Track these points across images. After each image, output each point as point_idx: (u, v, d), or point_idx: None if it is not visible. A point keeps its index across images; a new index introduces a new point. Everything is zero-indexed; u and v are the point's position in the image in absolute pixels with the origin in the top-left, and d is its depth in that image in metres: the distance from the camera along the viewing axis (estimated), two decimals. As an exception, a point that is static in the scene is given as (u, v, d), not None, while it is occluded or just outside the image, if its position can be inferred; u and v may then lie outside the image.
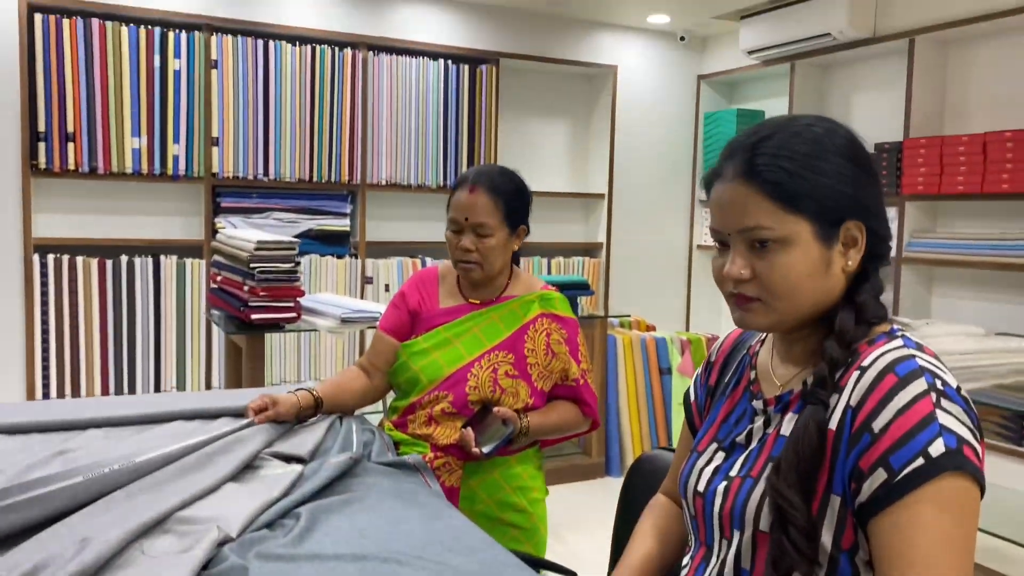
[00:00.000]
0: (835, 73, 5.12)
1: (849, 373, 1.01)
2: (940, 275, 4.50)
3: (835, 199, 1.01)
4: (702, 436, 1.20)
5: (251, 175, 4.57)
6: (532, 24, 5.30)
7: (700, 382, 1.30)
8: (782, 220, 1.01)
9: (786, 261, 1.01)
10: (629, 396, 4.38)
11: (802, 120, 1.06)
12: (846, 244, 1.04)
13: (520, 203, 1.93)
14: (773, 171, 1.01)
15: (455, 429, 1.84)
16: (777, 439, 1.07)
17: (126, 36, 4.24)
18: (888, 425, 0.94)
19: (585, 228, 5.83)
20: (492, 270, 1.93)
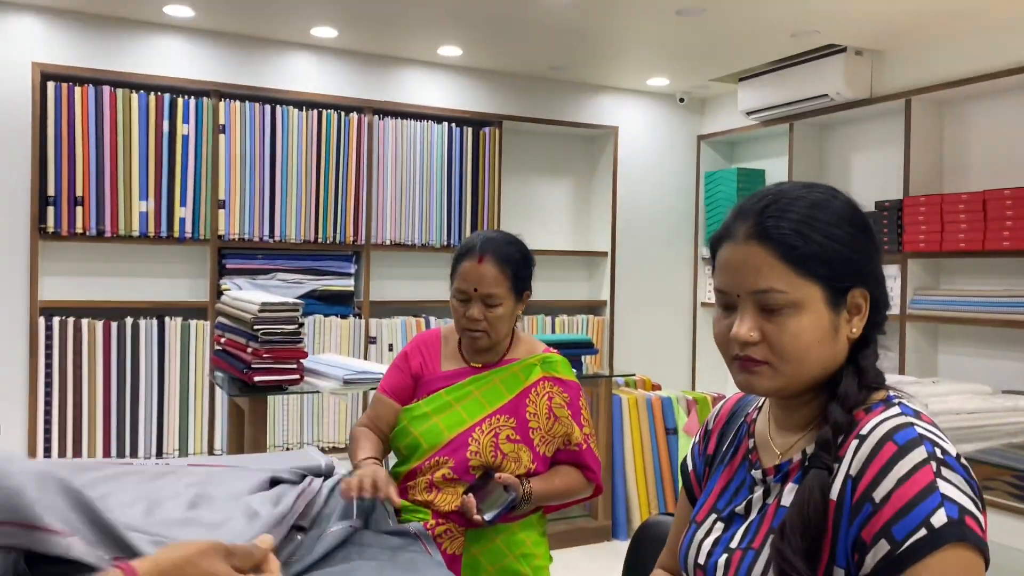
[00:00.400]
0: (834, 133, 5.19)
1: (848, 442, 1.00)
2: (945, 332, 4.48)
3: (845, 265, 1.02)
4: (700, 506, 1.19)
5: (257, 237, 4.61)
6: (534, 87, 5.40)
7: (698, 451, 1.28)
8: (795, 284, 1.00)
9: (797, 326, 1.00)
10: (635, 457, 4.33)
11: (800, 187, 1.08)
12: (851, 311, 1.04)
13: (526, 271, 1.94)
14: (788, 234, 1.01)
15: (456, 495, 1.81)
16: (778, 510, 1.05)
17: (136, 102, 4.33)
18: (889, 495, 0.93)
19: (589, 286, 5.84)
20: (499, 337, 1.92)
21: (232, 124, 4.56)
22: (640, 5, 3.96)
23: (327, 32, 4.51)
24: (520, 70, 5.26)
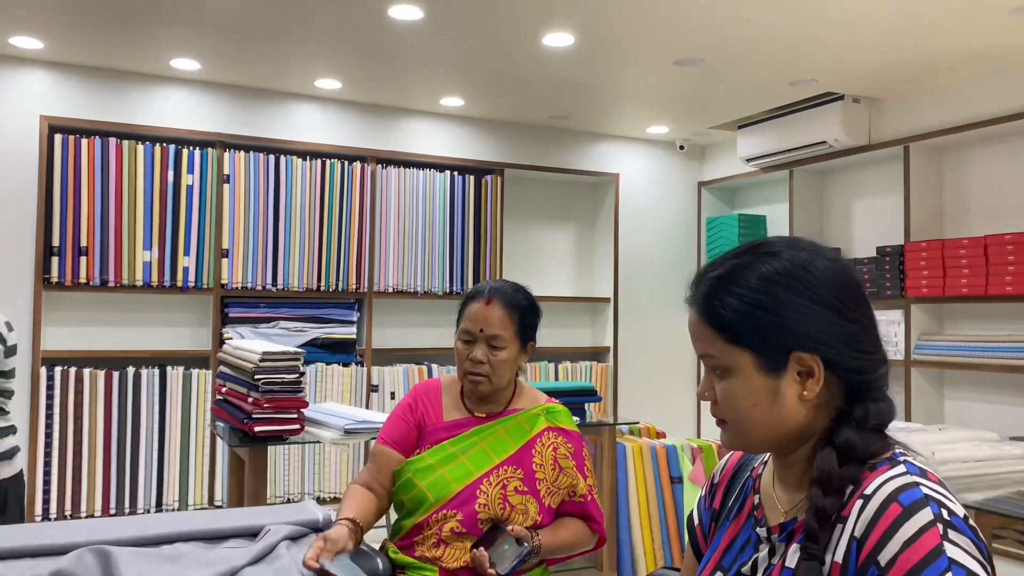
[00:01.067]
0: (833, 179, 5.22)
1: (852, 502, 0.98)
2: (950, 378, 4.45)
3: (776, 334, 1.02)
4: (706, 564, 1.17)
5: (259, 285, 4.63)
6: (535, 136, 5.46)
7: (704, 505, 1.26)
8: (724, 350, 1.04)
9: (731, 389, 1.04)
10: (640, 507, 4.27)
11: (760, 250, 1.08)
12: (802, 374, 1.03)
13: (533, 319, 1.94)
14: (715, 307, 1.05)
15: (464, 550, 1.78)
16: (783, 571, 1.03)
17: (142, 153, 4.38)
18: (895, 558, 0.90)
19: (592, 332, 5.83)
20: (500, 384, 1.91)
21: (236, 174, 4.60)
22: (639, 55, 4.02)
23: (331, 84, 4.58)
24: (521, 119, 5.33)
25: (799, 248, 1.07)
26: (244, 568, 1.52)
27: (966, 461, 2.82)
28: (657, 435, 4.68)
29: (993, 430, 3.18)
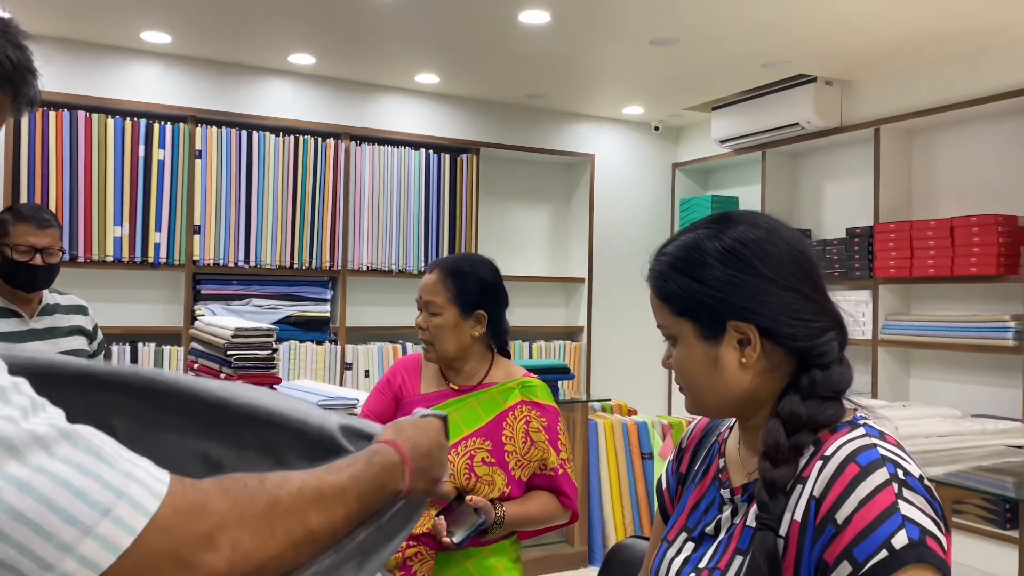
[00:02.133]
0: (805, 161, 5.27)
1: (812, 463, 1.01)
2: (916, 357, 4.54)
3: (709, 303, 1.07)
4: (672, 525, 1.20)
5: (232, 262, 4.60)
6: (511, 115, 5.45)
7: (672, 469, 1.30)
8: (670, 320, 1.12)
9: (679, 356, 1.12)
10: (611, 482, 4.33)
11: (700, 225, 1.14)
12: (740, 342, 1.07)
13: (474, 287, 1.94)
14: (658, 280, 1.13)
15: (429, 517, 1.81)
16: (744, 531, 1.06)
17: (112, 127, 4.32)
18: (851, 516, 0.94)
19: (566, 312, 5.86)
20: (445, 351, 1.93)
21: (208, 150, 4.55)
22: (615, 34, 4.03)
23: (305, 59, 4.54)
24: (497, 98, 5.32)
25: (754, 224, 1.10)
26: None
27: (928, 436, 2.89)
28: (629, 412, 4.73)
29: (957, 408, 3.26)
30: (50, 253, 2.49)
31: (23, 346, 1.83)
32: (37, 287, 2.52)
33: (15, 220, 2.46)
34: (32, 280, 2.48)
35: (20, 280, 2.48)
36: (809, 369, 1.06)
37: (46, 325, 2.56)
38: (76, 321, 2.65)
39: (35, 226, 2.46)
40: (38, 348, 2.42)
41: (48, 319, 2.57)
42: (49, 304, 2.60)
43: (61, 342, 2.57)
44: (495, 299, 1.97)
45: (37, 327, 2.54)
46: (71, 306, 2.68)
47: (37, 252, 2.46)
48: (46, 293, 2.61)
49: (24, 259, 2.44)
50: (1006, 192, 4.10)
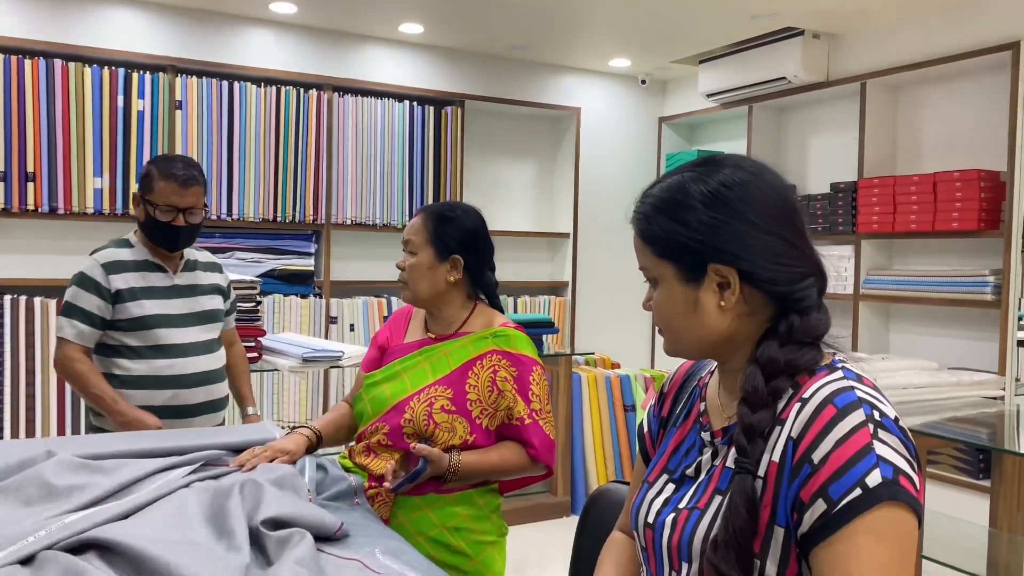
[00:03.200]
0: (791, 115, 5.26)
1: (791, 405, 1.03)
2: (896, 311, 4.59)
3: (687, 246, 1.08)
4: (653, 467, 1.22)
5: (215, 215, 4.56)
6: (496, 67, 5.39)
7: (653, 413, 1.32)
8: (653, 262, 1.12)
9: (659, 298, 1.13)
10: (594, 434, 4.38)
11: (685, 168, 1.14)
12: (720, 285, 1.08)
13: (451, 229, 1.94)
14: (642, 222, 1.13)
15: (389, 460, 1.85)
16: (724, 471, 1.08)
17: (90, 77, 4.24)
18: (827, 456, 0.96)
19: (551, 267, 5.87)
20: (417, 292, 1.94)
21: (189, 100, 4.48)
22: (601, -15, 3.97)
23: (286, 8, 4.46)
24: (483, 49, 5.25)
25: (739, 167, 1.10)
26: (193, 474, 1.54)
27: (905, 388, 2.94)
28: (612, 366, 4.78)
29: (935, 361, 3.31)
30: (193, 213, 2.35)
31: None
32: (177, 247, 2.41)
33: (159, 176, 2.32)
34: (173, 241, 2.37)
35: (161, 240, 2.36)
36: (788, 314, 1.07)
37: (188, 282, 2.46)
38: (214, 279, 2.55)
39: (178, 185, 2.31)
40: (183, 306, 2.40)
41: (190, 275, 2.48)
42: (190, 260, 2.51)
43: (201, 300, 2.48)
44: (474, 247, 1.96)
45: (180, 283, 2.44)
46: (208, 263, 2.58)
47: (180, 212, 2.32)
48: (187, 248, 2.50)
49: (166, 219, 2.32)
50: (989, 147, 4.11)
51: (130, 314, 2.34)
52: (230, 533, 1.28)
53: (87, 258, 2.42)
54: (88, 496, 1.37)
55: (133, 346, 2.35)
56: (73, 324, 2.31)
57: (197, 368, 2.41)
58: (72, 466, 1.47)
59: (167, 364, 2.36)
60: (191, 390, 2.39)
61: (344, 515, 1.57)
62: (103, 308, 2.32)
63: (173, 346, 2.38)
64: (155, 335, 2.36)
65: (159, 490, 1.44)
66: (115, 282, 2.34)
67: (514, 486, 2.01)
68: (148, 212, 2.34)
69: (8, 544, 1.18)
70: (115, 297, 2.33)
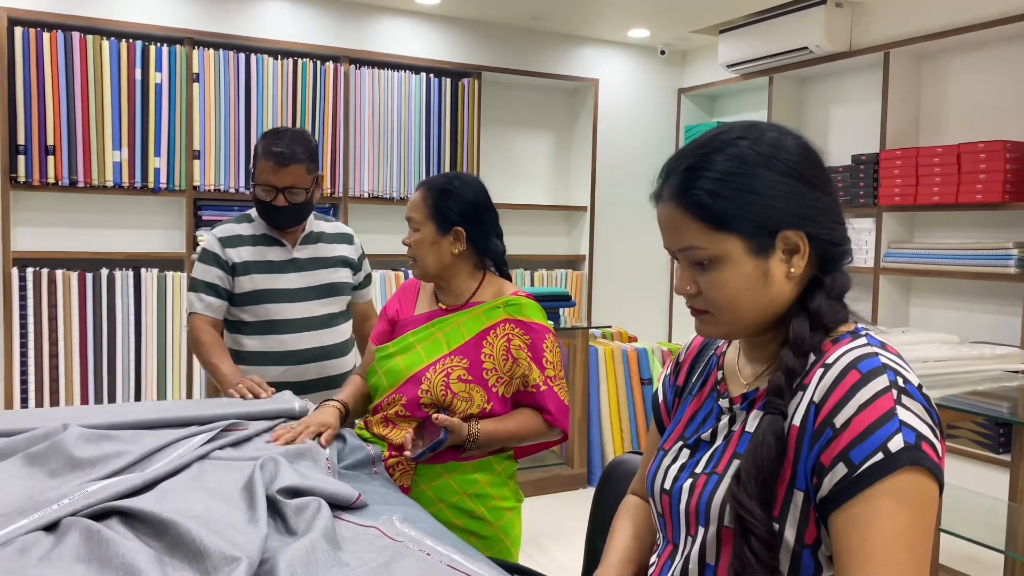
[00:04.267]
0: (813, 86, 5.18)
1: (813, 370, 1.03)
2: (917, 285, 4.55)
3: (763, 214, 1.03)
4: (668, 435, 1.22)
5: (232, 188, 4.57)
6: (514, 38, 5.34)
7: (668, 383, 1.31)
8: (712, 239, 1.04)
9: (721, 278, 1.04)
10: (611, 407, 4.39)
11: (730, 134, 1.08)
12: (788, 251, 1.05)
13: (451, 203, 1.93)
14: (697, 193, 1.04)
15: (407, 430, 1.86)
16: (742, 436, 1.08)
17: (107, 50, 4.25)
18: (849, 420, 0.95)
19: (568, 240, 5.85)
20: (425, 267, 1.95)
21: (206, 73, 4.48)
22: (620, -47, 3.91)
23: (302, -22, 4.43)
24: (500, 20, 5.20)
25: (763, 129, 1.09)
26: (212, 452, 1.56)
27: (926, 361, 2.91)
28: (629, 339, 4.77)
29: (957, 335, 3.28)
30: (293, 192, 2.29)
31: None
32: (282, 227, 2.36)
33: (261, 153, 2.29)
34: (276, 220, 2.33)
35: (265, 217, 2.34)
36: (833, 271, 1.07)
37: (308, 255, 2.41)
38: (340, 251, 2.49)
39: (276, 164, 2.26)
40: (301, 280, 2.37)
41: (311, 248, 2.43)
42: (313, 232, 2.45)
43: (323, 274, 2.43)
44: (477, 218, 1.96)
45: (300, 257, 2.40)
46: (336, 234, 2.51)
47: (279, 192, 2.27)
48: (311, 220, 2.46)
49: (266, 198, 2.29)
50: (1015, 118, 4.04)
51: (243, 288, 2.34)
52: (249, 505, 1.30)
53: (207, 233, 2.43)
54: (110, 467, 1.39)
55: (248, 321, 2.36)
56: (200, 297, 2.32)
57: (309, 344, 2.38)
58: (93, 438, 1.49)
59: (278, 340, 2.35)
60: (303, 366, 2.36)
61: (363, 484, 1.59)
62: (224, 279, 2.33)
63: (284, 321, 2.36)
64: (265, 310, 2.34)
65: (179, 459, 1.46)
66: (232, 255, 2.34)
67: (529, 451, 2.04)
68: (254, 189, 2.32)
69: (33, 511, 1.20)
70: (233, 270, 2.33)
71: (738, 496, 0.99)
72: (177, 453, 1.49)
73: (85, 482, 1.32)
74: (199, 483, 1.39)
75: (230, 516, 1.26)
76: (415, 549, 1.24)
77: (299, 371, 2.37)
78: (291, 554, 1.14)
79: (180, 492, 1.33)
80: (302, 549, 1.15)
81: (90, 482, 1.33)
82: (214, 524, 1.18)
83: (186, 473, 1.42)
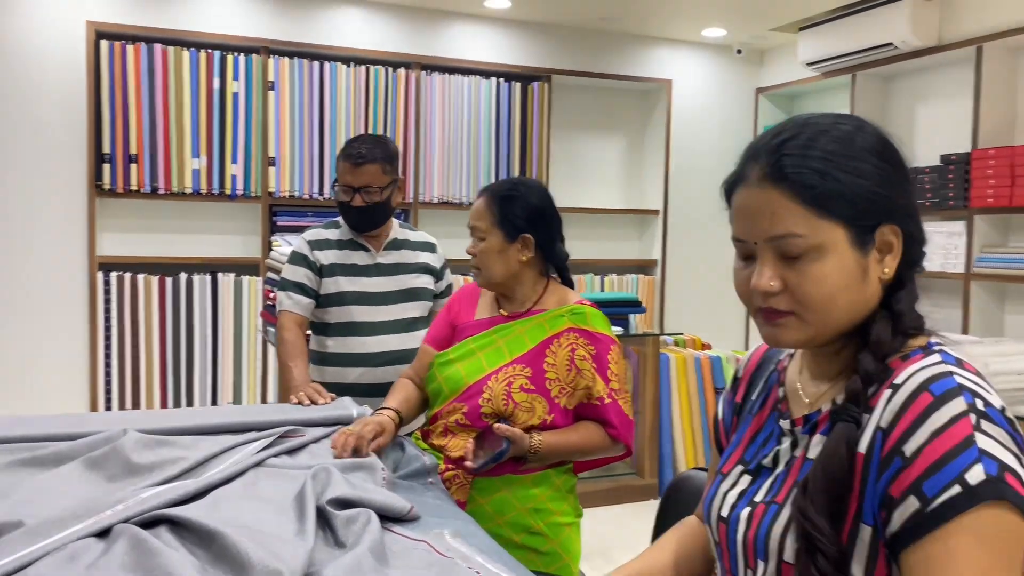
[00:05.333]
0: (898, 83, 4.96)
1: (880, 392, 0.93)
2: (1013, 292, 4.29)
3: (871, 201, 0.93)
4: (727, 458, 1.14)
5: (306, 194, 4.64)
6: (584, 40, 5.28)
7: (727, 400, 1.23)
8: (815, 226, 0.92)
9: (820, 271, 0.92)
10: (683, 416, 4.28)
11: (827, 118, 0.98)
12: (882, 250, 0.96)
13: (517, 209, 1.88)
14: (803, 172, 0.92)
15: (467, 441, 1.81)
16: (804, 462, 1.00)
17: (187, 60, 4.37)
18: (921, 448, 0.86)
19: (640, 245, 5.75)
20: (491, 276, 1.90)
21: (281, 81, 4.57)
22: (693, -50, 3.82)
23: (374, -14, 4.47)
24: (570, 22, 5.15)
25: (859, 118, 1.00)
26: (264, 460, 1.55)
27: (1021, 373, 2.73)
28: (703, 347, 4.64)
29: (1054, 345, 3.07)
30: (369, 192, 2.34)
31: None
32: (360, 228, 2.41)
33: (340, 156, 2.37)
34: (353, 221, 2.39)
35: (345, 219, 2.41)
36: (913, 277, 0.99)
37: (392, 260, 2.46)
38: (423, 258, 2.53)
39: (351, 164, 2.32)
40: (383, 284, 2.41)
41: (395, 254, 2.47)
42: (397, 239, 2.50)
43: (406, 279, 2.47)
44: (544, 223, 1.91)
45: (383, 262, 2.45)
46: (420, 242, 2.56)
47: (355, 192, 2.33)
48: (396, 227, 2.51)
49: (344, 199, 2.35)
50: (1123, 113, 3.76)
51: (327, 289, 2.40)
52: (298, 517, 1.28)
53: (298, 238, 2.50)
54: (165, 473, 1.40)
55: (330, 323, 2.41)
56: (289, 295, 2.39)
57: (389, 347, 2.41)
58: (151, 443, 1.50)
59: (358, 342, 2.39)
60: (381, 369, 2.38)
61: (417, 495, 1.56)
62: (312, 279, 2.39)
63: (364, 324, 2.40)
64: (347, 312, 2.39)
65: (234, 465, 1.45)
66: (320, 257, 2.41)
67: (589, 466, 1.97)
68: (334, 191, 2.40)
69: (88, 516, 1.21)
70: (320, 272, 2.40)
71: (804, 509, 0.90)
72: (233, 460, 1.49)
73: (140, 488, 1.33)
74: (252, 491, 1.38)
75: (279, 527, 1.25)
76: (464, 566, 1.20)
77: (377, 373, 2.38)
78: (337, 568, 1.11)
79: (232, 500, 1.32)
80: (348, 563, 1.13)
81: (145, 488, 1.33)
82: (261, 535, 1.17)
83: (240, 481, 1.42)
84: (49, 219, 4.18)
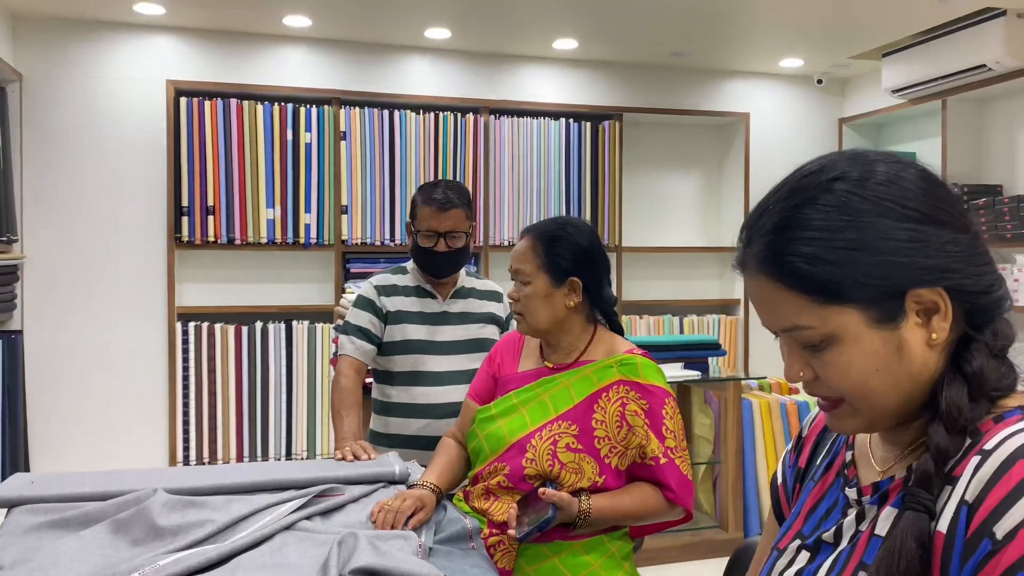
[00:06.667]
0: (993, 108, 4.66)
1: (967, 459, 0.78)
2: None
3: (883, 274, 0.80)
4: (786, 530, 0.99)
5: (378, 240, 4.66)
6: (655, 77, 5.18)
7: (788, 462, 1.08)
8: (821, 315, 0.81)
9: (840, 360, 0.82)
10: (768, 464, 4.03)
11: (821, 175, 0.84)
12: (924, 313, 0.81)
13: (565, 252, 1.75)
14: (791, 260, 0.81)
15: (510, 505, 1.67)
16: (871, 539, 0.85)
17: (261, 113, 4.47)
18: (1015, 531, 0.71)
19: (720, 284, 5.54)
20: (536, 323, 1.77)
21: (352, 130, 4.62)
22: (763, -21, 3.69)
23: (440, 33, 4.50)
24: (640, 59, 5.06)
25: (869, 162, 0.84)
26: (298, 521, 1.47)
27: None
28: (789, 391, 4.39)
29: None
30: (454, 237, 2.31)
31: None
32: (441, 274, 2.38)
33: (420, 201, 2.34)
34: (436, 267, 2.35)
35: (425, 265, 2.36)
36: (990, 322, 0.83)
37: (459, 309, 2.41)
38: (489, 308, 2.47)
39: (436, 208, 2.29)
40: (450, 333, 2.36)
41: (462, 303, 2.43)
42: (464, 287, 2.46)
43: (472, 328, 2.42)
44: (592, 266, 1.78)
45: (450, 310, 2.40)
46: (486, 291, 2.51)
47: (440, 237, 2.29)
48: (463, 275, 2.48)
49: (428, 244, 2.31)
50: None
51: (393, 337, 2.35)
52: None
53: (365, 283, 2.48)
54: (191, 537, 1.34)
55: (394, 371, 2.36)
56: (351, 339, 2.34)
57: (452, 398, 2.32)
58: (179, 505, 1.45)
59: (423, 392, 2.33)
60: (444, 421, 2.29)
61: (456, 561, 1.45)
62: (376, 325, 2.35)
63: (430, 373, 2.34)
64: (413, 360, 2.34)
65: (262, 528, 1.38)
66: (387, 304, 2.37)
67: (647, 531, 1.80)
68: (414, 238, 2.36)
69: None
70: (386, 318, 2.36)
71: None
72: (263, 522, 1.42)
73: (160, 554, 1.27)
74: (277, 557, 1.30)
75: None
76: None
77: (441, 425, 2.28)
78: None
79: (251, 569, 1.24)
80: None
81: (166, 553, 1.27)
82: None
83: (266, 545, 1.34)
84: (130, 270, 4.31)
